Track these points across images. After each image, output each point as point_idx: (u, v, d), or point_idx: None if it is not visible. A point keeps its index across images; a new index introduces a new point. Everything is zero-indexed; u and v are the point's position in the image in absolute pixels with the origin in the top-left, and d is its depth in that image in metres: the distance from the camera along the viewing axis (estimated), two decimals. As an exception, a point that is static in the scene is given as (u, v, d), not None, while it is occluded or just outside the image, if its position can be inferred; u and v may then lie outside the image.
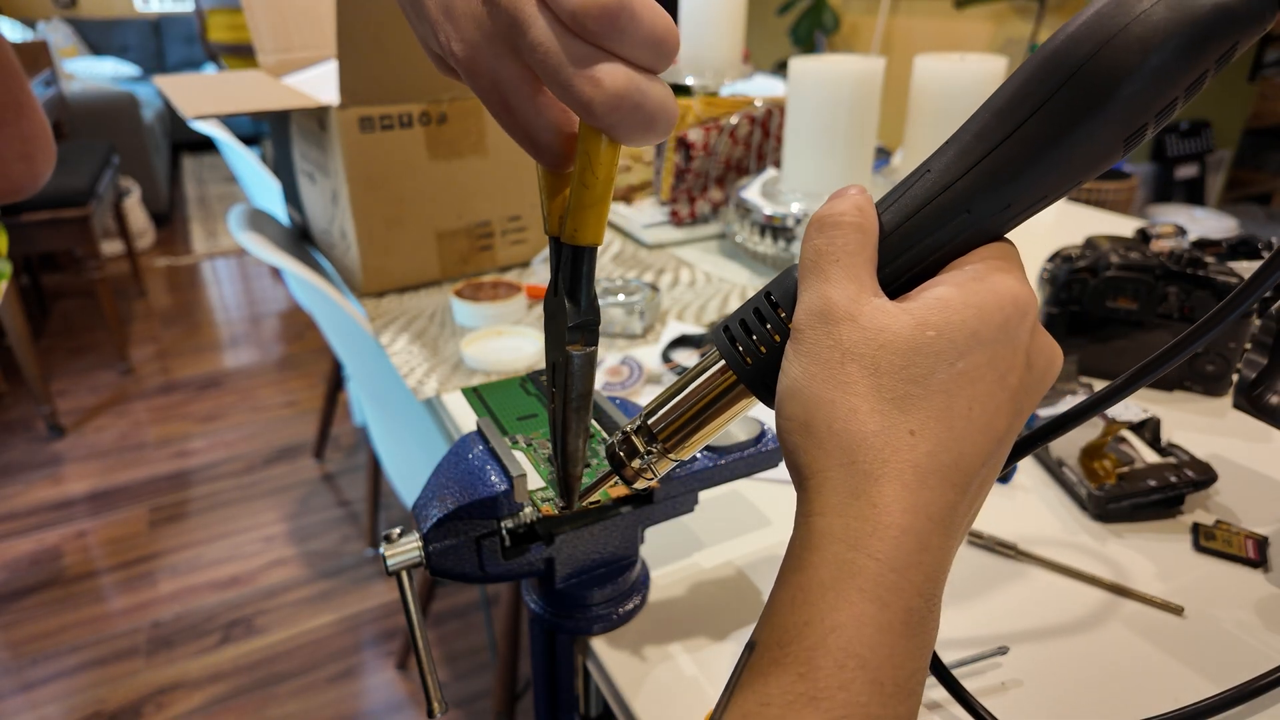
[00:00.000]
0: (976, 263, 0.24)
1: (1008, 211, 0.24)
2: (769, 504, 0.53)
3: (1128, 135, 0.22)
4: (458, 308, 0.78)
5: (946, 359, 0.22)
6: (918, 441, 0.22)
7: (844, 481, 0.23)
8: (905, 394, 0.23)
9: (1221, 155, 2.95)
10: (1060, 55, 0.22)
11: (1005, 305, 0.23)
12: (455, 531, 0.37)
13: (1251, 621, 0.43)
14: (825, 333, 0.24)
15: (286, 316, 2.69)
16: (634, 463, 0.30)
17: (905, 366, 0.23)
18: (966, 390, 0.23)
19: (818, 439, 0.23)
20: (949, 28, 2.86)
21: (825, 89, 0.71)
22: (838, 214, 0.25)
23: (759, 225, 0.88)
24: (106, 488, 1.82)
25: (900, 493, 0.22)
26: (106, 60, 4.05)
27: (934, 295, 0.23)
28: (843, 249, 0.24)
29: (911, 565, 0.22)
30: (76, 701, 1.31)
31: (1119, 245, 0.67)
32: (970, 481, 0.23)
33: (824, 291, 0.24)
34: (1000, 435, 0.23)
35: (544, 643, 0.44)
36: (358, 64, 0.75)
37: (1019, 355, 0.23)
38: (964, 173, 0.24)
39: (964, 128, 0.24)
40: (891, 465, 0.22)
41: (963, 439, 0.23)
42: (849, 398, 0.23)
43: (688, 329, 0.75)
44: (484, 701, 1.31)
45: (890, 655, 0.21)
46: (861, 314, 0.23)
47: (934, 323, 0.23)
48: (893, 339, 0.23)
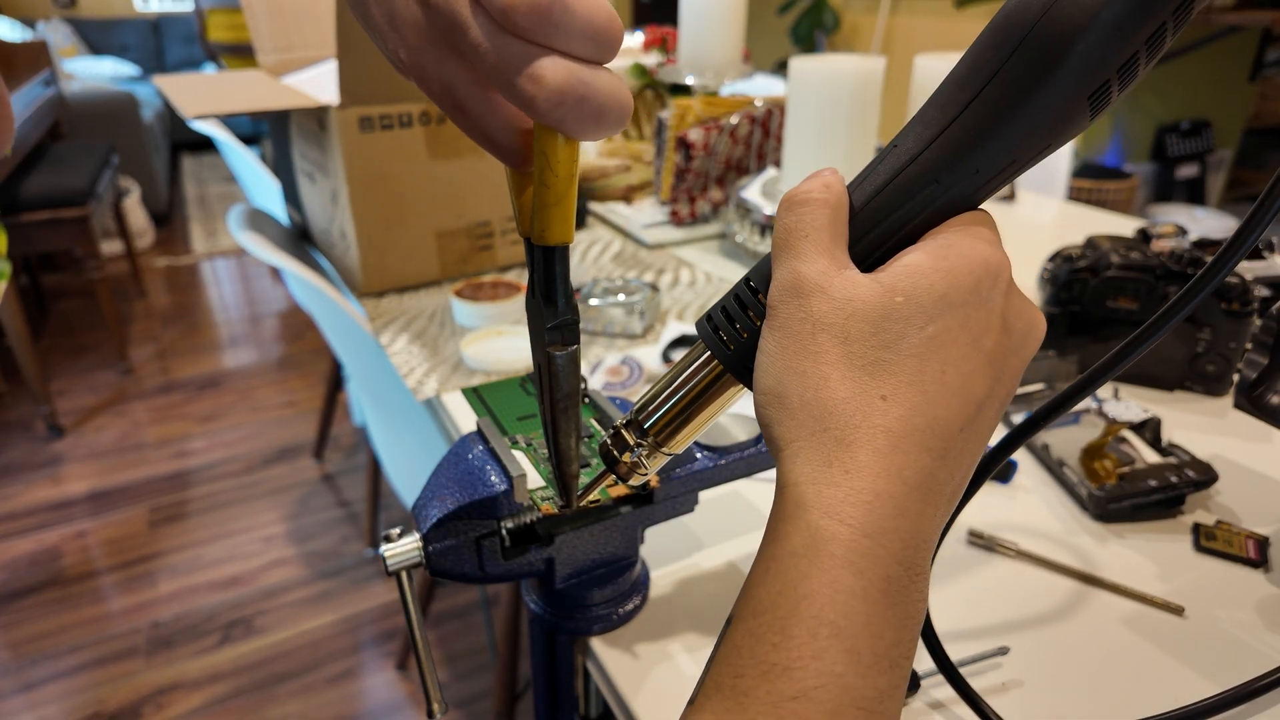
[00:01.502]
0: (947, 231, 0.24)
1: (976, 178, 0.24)
2: (769, 504, 0.53)
3: (1090, 94, 0.22)
4: (457, 308, 0.78)
5: (916, 324, 0.22)
6: (890, 406, 0.22)
7: (816, 450, 0.23)
8: (876, 360, 0.23)
9: (1222, 155, 2.95)
10: (1012, 17, 0.22)
11: (975, 269, 0.23)
12: (455, 532, 0.37)
13: (1252, 621, 0.43)
14: (797, 306, 0.24)
15: (286, 316, 2.69)
16: (625, 457, 0.30)
17: (875, 333, 0.23)
18: (938, 354, 0.22)
19: (790, 410, 0.23)
20: (949, 27, 2.86)
21: (826, 89, 0.71)
22: (805, 191, 0.25)
23: (759, 225, 0.88)
24: (106, 488, 1.82)
25: (872, 458, 0.22)
26: (106, 60, 4.05)
27: (902, 263, 0.23)
28: (811, 225, 0.24)
29: (887, 531, 0.21)
30: (76, 702, 1.31)
31: (1119, 245, 0.67)
32: (948, 447, 0.23)
33: (794, 267, 0.24)
34: (979, 399, 0.23)
35: (544, 643, 0.44)
36: (357, 64, 0.75)
37: (993, 318, 0.23)
38: (928, 144, 0.24)
39: (929, 101, 0.24)
40: (863, 431, 0.22)
41: (936, 402, 0.22)
42: (820, 367, 0.23)
43: (688, 329, 0.75)
44: (484, 702, 1.31)
45: (867, 624, 0.21)
46: (831, 285, 0.23)
47: (902, 288, 0.23)
48: (862, 307, 0.23)
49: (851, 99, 0.71)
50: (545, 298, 0.28)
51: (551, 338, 0.29)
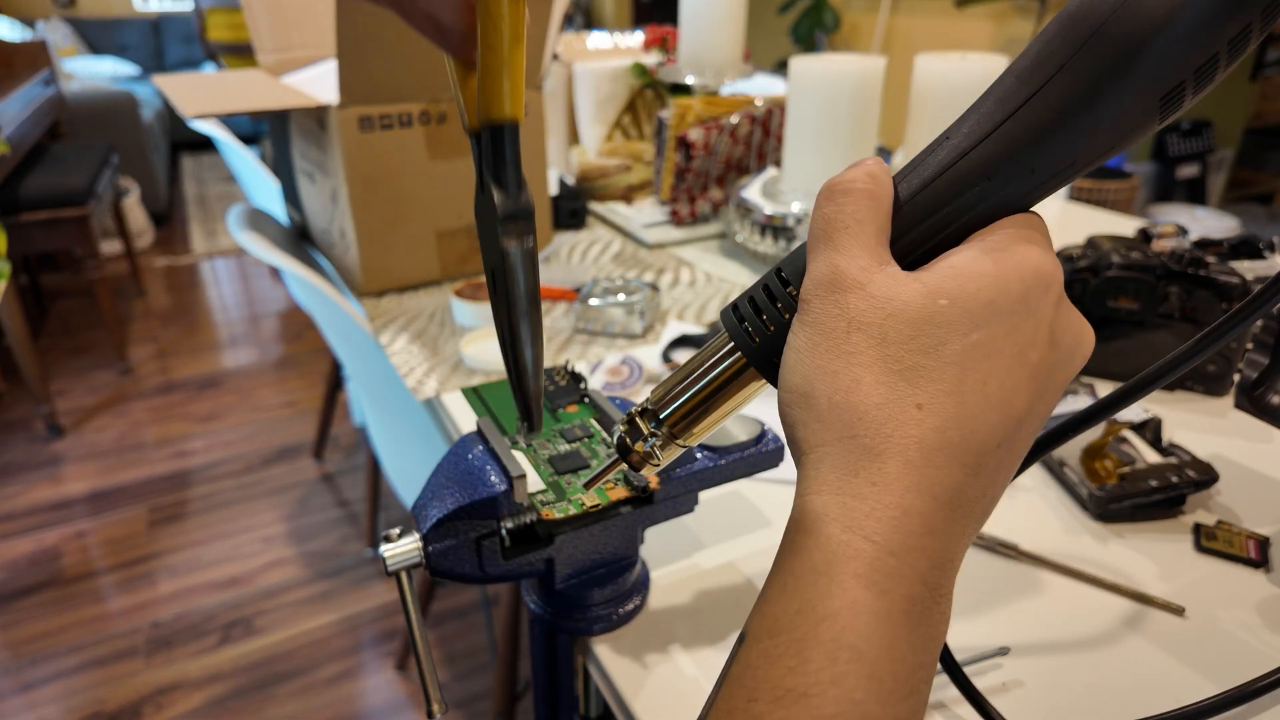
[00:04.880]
0: (997, 233, 0.22)
1: (1031, 179, 0.22)
2: (769, 504, 0.53)
3: (1163, 95, 0.20)
4: (457, 307, 0.78)
5: (960, 330, 0.21)
6: (925, 416, 0.21)
7: (842, 457, 0.21)
8: (914, 365, 0.21)
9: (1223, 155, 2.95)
10: (1084, 7, 0.20)
11: (1026, 276, 0.21)
12: (455, 532, 0.37)
13: (1253, 622, 0.43)
14: (832, 301, 0.22)
15: (286, 316, 2.68)
16: (638, 446, 0.29)
17: (915, 336, 0.21)
18: (981, 364, 0.21)
19: (817, 411, 0.22)
20: (950, 27, 2.86)
21: (826, 88, 0.71)
22: (848, 180, 0.23)
23: (759, 225, 0.88)
24: (106, 488, 1.82)
25: (903, 470, 0.21)
26: (105, 60, 4.04)
27: (948, 264, 0.22)
28: (853, 216, 0.23)
29: (914, 549, 0.20)
30: (75, 702, 1.31)
31: (1120, 245, 0.67)
32: (982, 463, 0.21)
33: (832, 260, 0.23)
34: (1019, 415, 0.22)
35: (544, 643, 0.44)
36: (357, 63, 0.75)
37: (1041, 330, 0.22)
38: (983, 138, 0.22)
39: (986, 93, 0.23)
40: (895, 440, 0.21)
41: (975, 416, 0.21)
42: (853, 368, 0.22)
43: (688, 329, 0.75)
44: (484, 702, 1.30)
45: (889, 648, 0.20)
46: (871, 282, 0.22)
47: (947, 290, 0.21)
48: (902, 308, 0.21)
49: (852, 99, 0.71)
50: (496, 181, 0.27)
51: (505, 229, 0.27)
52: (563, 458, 0.41)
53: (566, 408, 0.45)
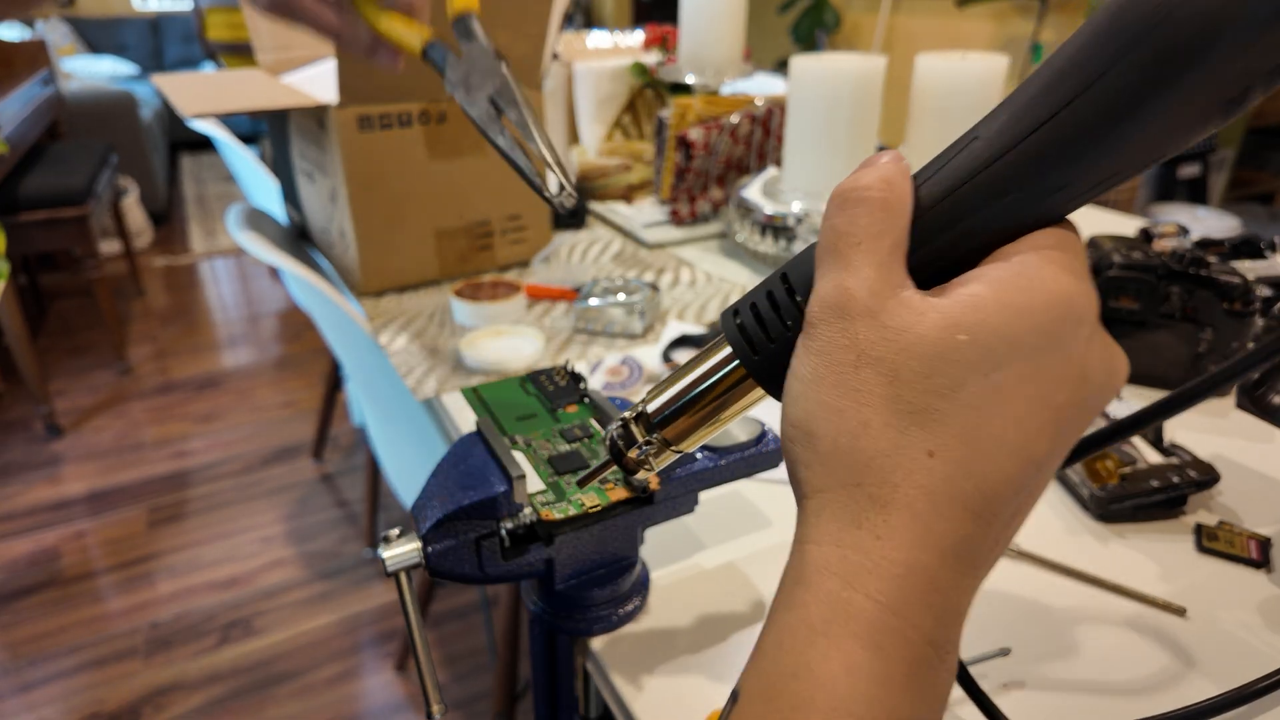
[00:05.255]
0: (1025, 253, 0.20)
1: (1067, 191, 0.20)
2: (769, 504, 0.53)
3: (1226, 100, 0.18)
4: (457, 307, 0.78)
5: (979, 369, 0.19)
6: (936, 465, 0.19)
7: (845, 506, 0.20)
8: (926, 407, 0.19)
9: (1224, 154, 2.95)
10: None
11: (1055, 306, 0.19)
12: (454, 532, 0.37)
13: (1254, 622, 0.43)
14: (840, 329, 0.21)
15: (285, 316, 2.68)
16: (632, 452, 0.28)
17: (929, 375, 0.19)
18: (1000, 407, 0.19)
19: (820, 453, 0.21)
20: (950, 26, 2.86)
21: (826, 88, 0.71)
22: (862, 188, 0.21)
23: (760, 225, 0.88)
24: (105, 488, 1.82)
25: (909, 522, 0.19)
26: (104, 59, 4.04)
27: (969, 291, 0.20)
28: (865, 230, 0.21)
29: (918, 608, 0.19)
30: (74, 703, 1.31)
31: (1121, 245, 0.67)
32: (996, 512, 0.20)
33: (841, 280, 0.21)
34: (1039, 460, 0.20)
35: (544, 644, 0.44)
36: (357, 63, 0.75)
37: (1070, 367, 0.20)
38: (1016, 142, 0.20)
39: (1021, 88, 0.20)
40: (902, 491, 0.19)
41: (990, 463, 0.19)
42: (860, 408, 0.20)
43: (688, 329, 0.75)
44: (484, 703, 1.30)
45: (891, 713, 0.18)
46: (883, 309, 0.20)
47: (967, 324, 0.19)
48: (917, 341, 0.20)
49: (852, 98, 0.71)
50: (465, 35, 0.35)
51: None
52: (563, 458, 0.41)
53: (566, 408, 0.45)
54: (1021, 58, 2.55)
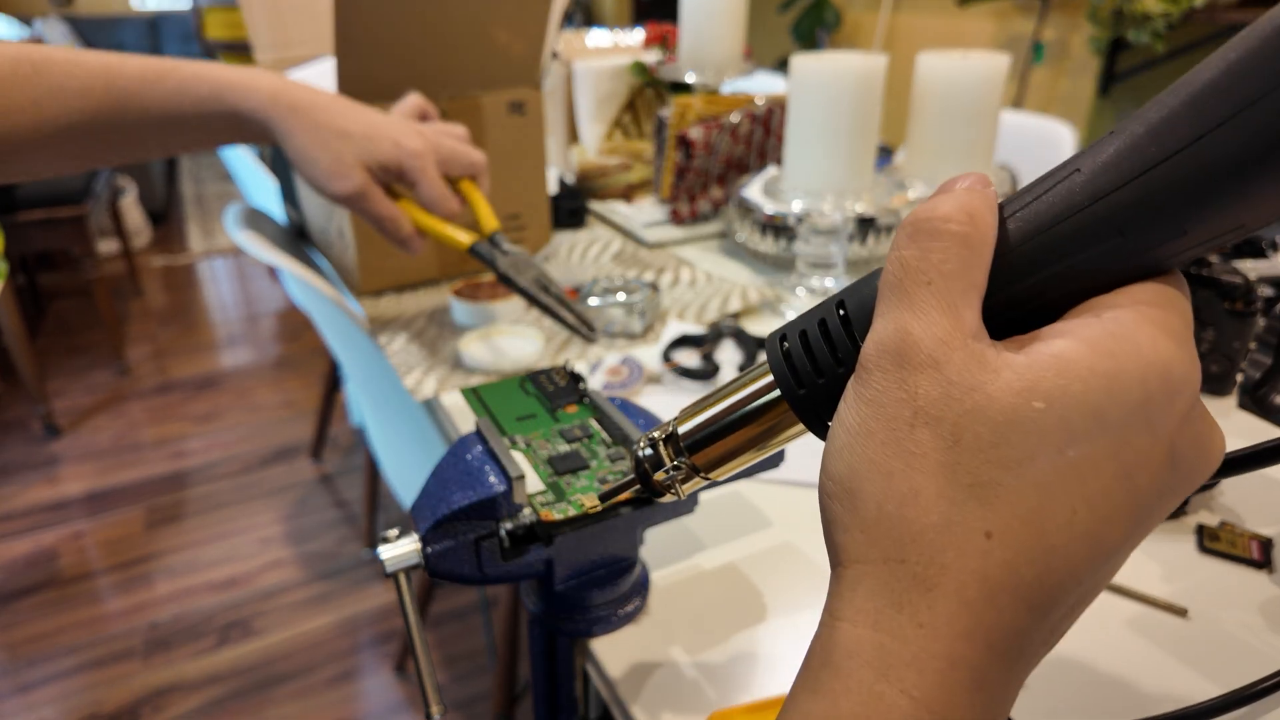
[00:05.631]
0: (1122, 309, 0.18)
1: (1183, 240, 0.17)
2: (770, 504, 0.53)
3: None
4: (456, 307, 0.78)
5: (1053, 443, 0.17)
6: (993, 547, 0.17)
7: (886, 583, 0.18)
8: (988, 481, 0.17)
9: (1221, 155, 2.95)
10: None
11: (1150, 378, 0.17)
12: (453, 533, 0.37)
13: (1256, 623, 0.43)
14: (897, 379, 0.18)
15: (284, 316, 2.68)
16: (659, 475, 0.26)
17: (996, 444, 0.17)
18: (1074, 488, 0.17)
19: (862, 517, 0.18)
20: (951, 25, 2.86)
21: (827, 86, 0.71)
22: (939, 218, 0.19)
23: (760, 224, 0.88)
24: (103, 488, 1.82)
25: (957, 612, 0.17)
26: (104, 59, 4.03)
27: (1052, 351, 0.17)
28: (938, 268, 0.18)
29: (959, 706, 0.17)
30: (73, 704, 1.30)
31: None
32: (1056, 603, 0.18)
33: (904, 322, 0.18)
34: (1111, 549, 0.18)
35: (543, 645, 0.44)
36: (356, 61, 0.75)
37: (1157, 447, 0.17)
38: (1129, 178, 0.17)
39: (1136, 117, 0.17)
40: (952, 573, 0.17)
41: (1055, 551, 0.17)
42: (912, 473, 0.18)
43: (688, 329, 0.74)
44: (483, 704, 1.30)
45: None
46: (949, 362, 0.18)
47: (1045, 390, 0.17)
48: (985, 404, 0.17)
49: (853, 97, 0.71)
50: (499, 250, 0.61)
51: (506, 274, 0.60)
52: (562, 458, 0.41)
53: (566, 408, 0.45)
54: (1022, 57, 2.55)
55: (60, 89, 0.51)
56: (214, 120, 0.57)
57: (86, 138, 0.53)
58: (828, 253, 0.79)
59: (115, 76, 0.53)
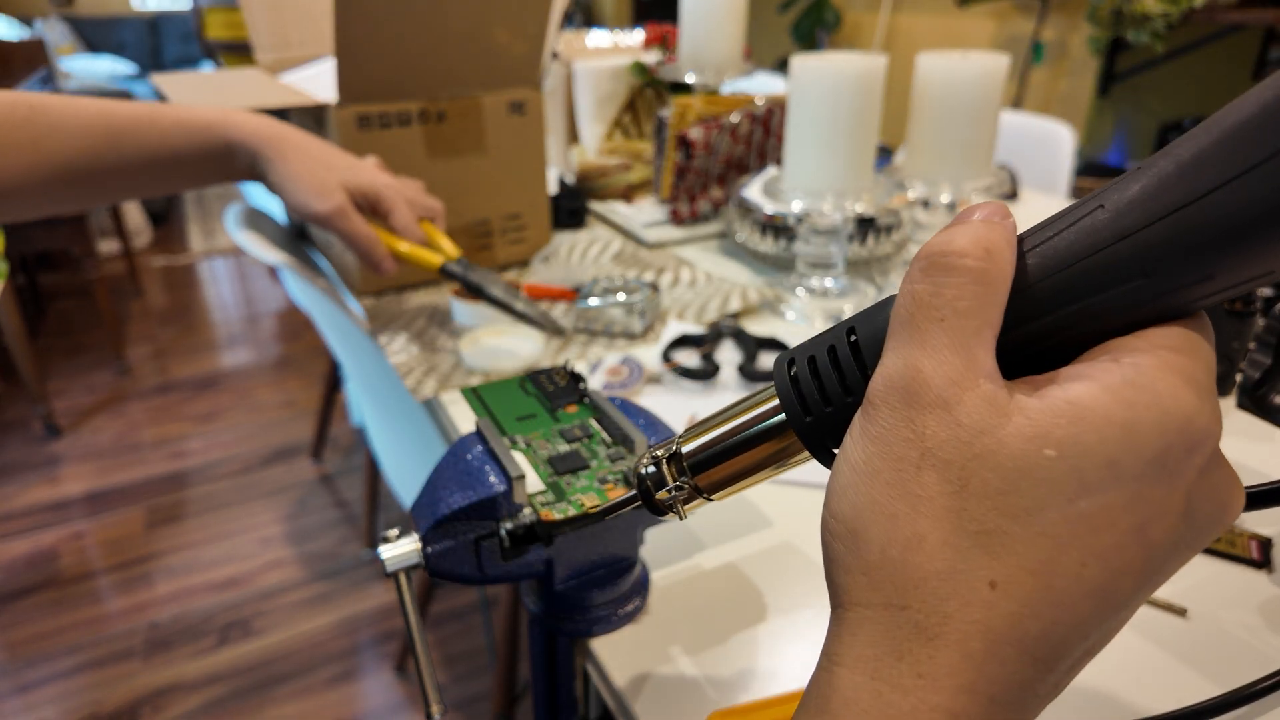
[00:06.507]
0: (1142, 354, 0.17)
1: (1210, 284, 0.16)
2: (770, 504, 0.53)
3: None
4: (456, 307, 0.78)
5: (1065, 493, 0.16)
6: (998, 599, 0.16)
7: (887, 630, 0.17)
8: (995, 529, 0.17)
9: (1221, 155, 2.95)
10: None
11: (1169, 430, 0.16)
12: (454, 533, 0.37)
13: (1255, 623, 0.43)
14: (904, 418, 0.18)
15: (284, 316, 2.68)
16: (661, 493, 0.26)
17: (1004, 492, 0.17)
18: (1084, 540, 0.16)
19: (865, 560, 0.18)
20: (951, 25, 2.86)
21: (827, 87, 0.71)
22: (955, 253, 0.18)
23: (760, 224, 0.88)
24: (103, 488, 1.82)
25: (959, 664, 0.17)
26: (103, 58, 4.04)
27: (1067, 396, 0.17)
28: (952, 305, 0.18)
29: None
30: (73, 704, 1.30)
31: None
32: (1061, 657, 0.17)
33: (915, 360, 0.18)
34: (1121, 602, 0.17)
35: (543, 645, 0.44)
36: (356, 62, 0.75)
37: (1173, 500, 0.17)
38: (1155, 219, 0.16)
39: (1165, 153, 0.16)
40: (955, 624, 0.17)
41: (1062, 605, 0.17)
42: (917, 517, 0.17)
43: (688, 329, 0.75)
44: (483, 704, 1.30)
45: None
46: (960, 403, 0.17)
47: (1059, 438, 0.16)
48: (995, 448, 0.17)
49: (853, 98, 0.71)
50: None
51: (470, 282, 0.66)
52: (562, 458, 0.41)
53: (566, 408, 0.45)
54: (1022, 57, 2.55)
55: (58, 128, 0.53)
56: (205, 155, 0.60)
57: (83, 177, 0.55)
58: (827, 253, 0.79)
59: (111, 116, 0.55)
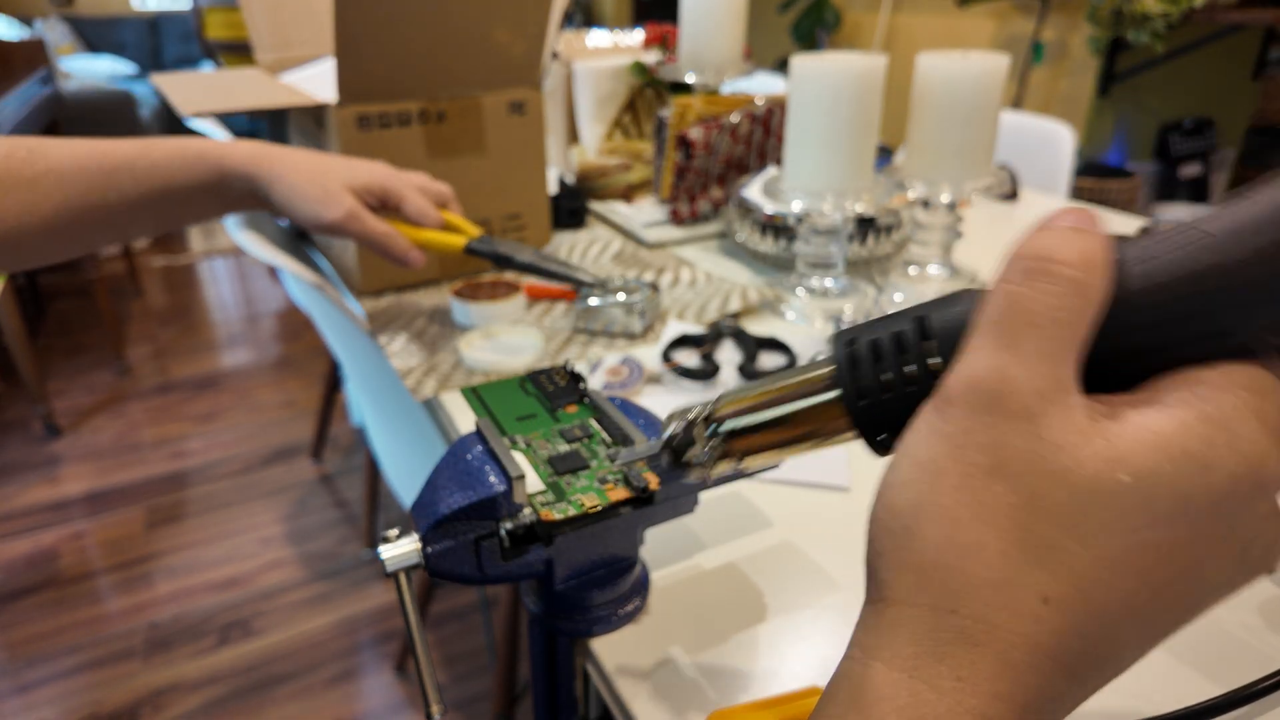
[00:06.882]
0: (1223, 392, 0.17)
1: None
2: (770, 504, 0.53)
3: None
4: (456, 307, 0.78)
5: (1132, 521, 0.16)
6: (1048, 614, 0.17)
7: (930, 630, 0.17)
8: (1056, 547, 0.17)
9: (1226, 154, 2.95)
10: None
11: (1241, 474, 0.16)
12: (454, 532, 0.37)
13: (1254, 623, 0.43)
14: (985, 424, 0.17)
15: (284, 316, 2.68)
16: (690, 453, 0.26)
17: (1073, 511, 0.17)
18: (1141, 569, 0.17)
19: (918, 560, 0.18)
20: (951, 25, 2.86)
21: (827, 87, 0.71)
22: (1057, 261, 0.17)
23: (760, 224, 0.88)
24: (103, 488, 1.82)
25: (1000, 672, 0.17)
26: (103, 58, 4.04)
27: (1149, 425, 0.17)
28: (1050, 314, 0.17)
29: None
30: (73, 704, 1.30)
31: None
32: (1096, 676, 0.18)
33: (1005, 365, 0.17)
34: (1162, 632, 0.18)
35: (543, 645, 0.44)
36: (356, 62, 0.75)
37: (1232, 542, 0.17)
38: (1262, 255, 0.16)
39: (1277, 182, 0.16)
40: (1001, 634, 0.17)
41: (1107, 627, 0.17)
42: (979, 525, 0.17)
43: (688, 329, 0.75)
44: (483, 704, 1.30)
45: None
46: (1044, 416, 0.17)
47: (1135, 465, 0.16)
48: (1071, 467, 0.17)
49: (853, 97, 0.71)
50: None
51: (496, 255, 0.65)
52: (562, 458, 0.41)
53: (566, 408, 0.45)
54: (1022, 57, 2.55)
55: (54, 168, 0.53)
56: (200, 186, 0.59)
57: (83, 216, 0.54)
58: (828, 253, 0.79)
59: (106, 154, 0.55)
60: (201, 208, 0.61)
